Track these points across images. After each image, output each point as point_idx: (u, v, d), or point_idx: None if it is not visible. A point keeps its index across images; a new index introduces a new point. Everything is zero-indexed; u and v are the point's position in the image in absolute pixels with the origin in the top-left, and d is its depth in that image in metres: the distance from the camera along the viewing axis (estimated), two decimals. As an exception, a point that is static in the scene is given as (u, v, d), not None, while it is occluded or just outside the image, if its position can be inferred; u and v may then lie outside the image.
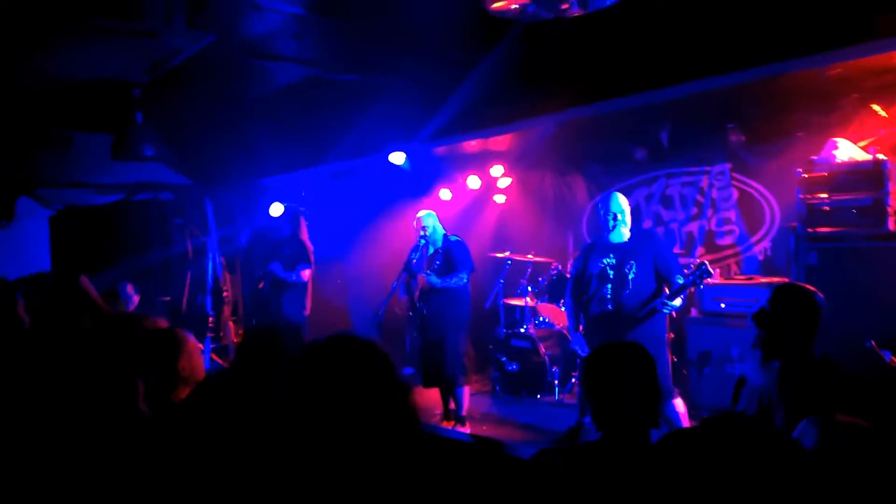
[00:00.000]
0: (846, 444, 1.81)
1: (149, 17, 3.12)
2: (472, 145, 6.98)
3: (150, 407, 2.27)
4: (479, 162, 7.70)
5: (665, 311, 4.39)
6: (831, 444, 1.83)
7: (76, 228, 6.84)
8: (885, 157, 4.74)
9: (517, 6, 4.13)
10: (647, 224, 7.00)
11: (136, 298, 5.90)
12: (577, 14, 3.53)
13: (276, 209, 7.08)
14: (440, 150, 6.74)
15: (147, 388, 2.27)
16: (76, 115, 5.57)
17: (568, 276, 6.37)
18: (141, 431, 2.09)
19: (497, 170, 7.73)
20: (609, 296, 4.56)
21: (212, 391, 2.35)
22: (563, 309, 6.45)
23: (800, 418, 2.33)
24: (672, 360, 5.15)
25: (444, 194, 8.02)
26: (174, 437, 2.02)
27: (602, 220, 4.68)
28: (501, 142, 7.10)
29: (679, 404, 4.46)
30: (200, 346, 2.58)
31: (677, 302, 4.34)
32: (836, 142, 4.97)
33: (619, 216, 4.61)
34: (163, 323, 2.69)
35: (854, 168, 4.79)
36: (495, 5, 3.94)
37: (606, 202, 4.69)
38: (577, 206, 7.63)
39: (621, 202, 4.66)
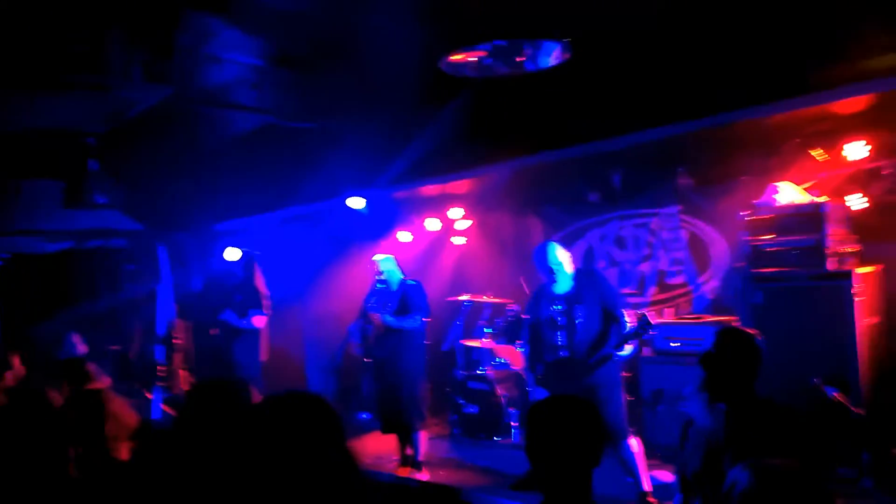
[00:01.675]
0: (777, 487, 1.86)
1: (107, 70, 3.13)
2: (431, 189, 7.07)
3: (88, 469, 2.22)
4: (438, 204, 7.78)
5: (616, 358, 4.48)
6: (763, 488, 1.88)
7: (24, 277, 6.67)
8: (824, 200, 4.95)
9: (474, 59, 4.26)
10: (601, 264, 7.13)
11: (82, 349, 5.75)
12: (530, 70, 3.66)
13: (231, 254, 7.01)
14: (400, 193, 6.81)
15: (81, 451, 2.22)
16: (26, 163, 5.49)
17: (525, 317, 6.44)
18: (74, 495, 2.05)
19: (456, 212, 7.82)
20: (562, 342, 4.61)
21: (157, 445, 2.31)
22: (519, 350, 6.49)
23: (746, 459, 2.40)
24: (627, 398, 5.22)
25: (403, 236, 8.06)
26: (117, 496, 1.98)
27: (542, 273, 4.73)
28: (460, 185, 7.21)
29: (634, 444, 4.50)
30: (120, 399, 2.55)
31: (627, 350, 4.44)
32: (777, 186, 5.18)
33: (556, 268, 4.64)
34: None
35: (795, 211, 4.99)
36: (452, 58, 4.04)
37: (543, 256, 4.66)
38: (533, 246, 7.73)
39: (557, 254, 4.67)
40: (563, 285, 4.66)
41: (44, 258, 6.65)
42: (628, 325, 4.48)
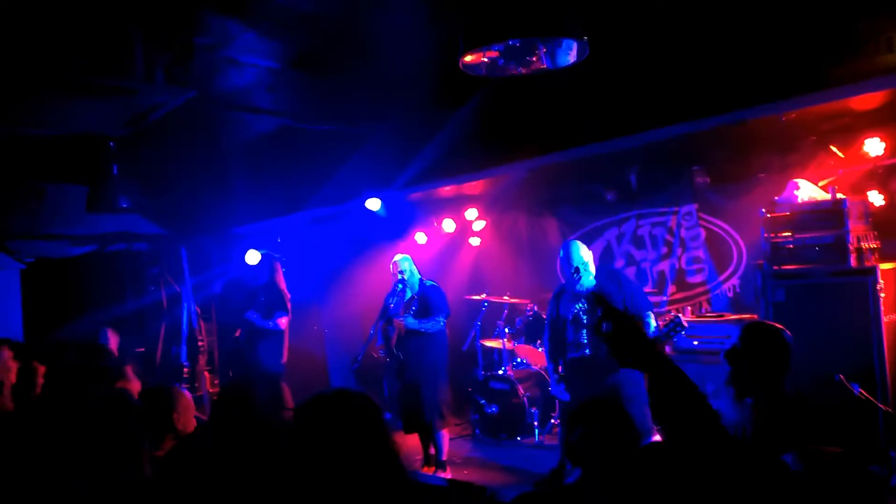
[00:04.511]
0: (824, 471, 1.87)
1: (130, 73, 3.18)
2: (447, 190, 7.10)
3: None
4: (454, 206, 7.81)
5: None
6: (811, 471, 1.89)
7: (49, 281, 6.75)
8: (844, 196, 4.93)
9: (487, 60, 4.29)
10: (619, 264, 7.12)
11: (114, 342, 5.84)
12: (545, 69, 3.68)
13: (253, 257, 7.07)
14: (416, 195, 6.84)
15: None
16: (50, 167, 5.56)
17: (544, 316, 6.45)
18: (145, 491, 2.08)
19: (471, 213, 7.85)
20: (585, 341, 4.62)
21: (190, 446, 2.34)
22: (540, 350, 6.50)
23: (773, 453, 2.40)
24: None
25: (420, 238, 8.10)
26: (161, 492, 2.01)
27: (565, 272, 4.74)
28: (476, 186, 7.23)
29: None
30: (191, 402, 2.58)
31: None
32: (797, 182, 5.16)
33: (581, 267, 4.65)
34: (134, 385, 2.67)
35: (815, 207, 4.96)
36: (467, 59, 4.07)
37: (568, 255, 4.70)
38: (550, 247, 7.74)
39: (582, 253, 4.69)
40: (586, 284, 4.67)
41: (67, 262, 6.73)
42: (653, 326, 4.48)
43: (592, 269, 4.73)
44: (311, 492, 1.47)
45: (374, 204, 6.28)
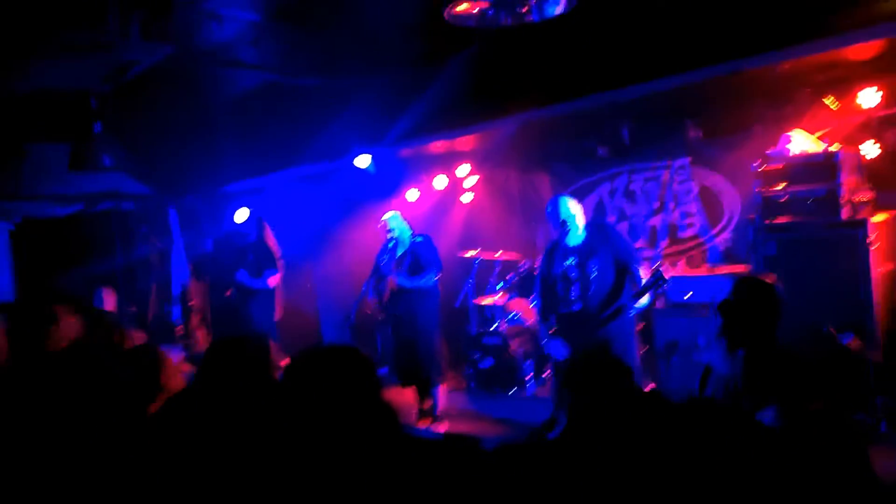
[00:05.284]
0: (806, 426, 1.89)
1: (104, 28, 3.07)
2: (438, 146, 7.01)
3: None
4: (445, 162, 7.73)
5: (631, 312, 4.49)
6: (793, 426, 1.90)
7: (37, 241, 6.69)
8: (837, 149, 4.89)
9: (477, 11, 4.18)
10: (612, 219, 7.10)
11: (111, 301, 5.84)
12: (534, 20, 3.59)
13: (241, 215, 7.01)
14: (406, 151, 6.76)
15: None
16: (32, 127, 5.46)
17: (535, 272, 6.45)
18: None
19: (463, 169, 7.78)
20: (575, 296, 4.63)
21: (181, 402, 2.34)
22: (532, 305, 6.52)
23: (764, 404, 2.42)
24: (642, 350, 5.26)
25: (411, 195, 8.04)
26: (150, 449, 2.02)
27: (553, 227, 4.73)
28: (467, 142, 7.15)
29: (648, 396, 4.54)
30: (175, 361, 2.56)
31: (642, 303, 4.44)
32: (789, 135, 5.12)
33: (568, 221, 4.63)
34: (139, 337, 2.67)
35: (808, 160, 4.93)
36: (457, 9, 3.97)
37: (556, 210, 4.66)
38: (542, 202, 7.66)
39: (570, 206, 4.67)
40: (575, 238, 4.66)
41: (55, 222, 6.66)
42: (643, 279, 4.48)
43: (581, 222, 4.71)
44: (303, 446, 1.47)
45: (363, 161, 6.21)
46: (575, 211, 4.67)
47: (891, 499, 2.13)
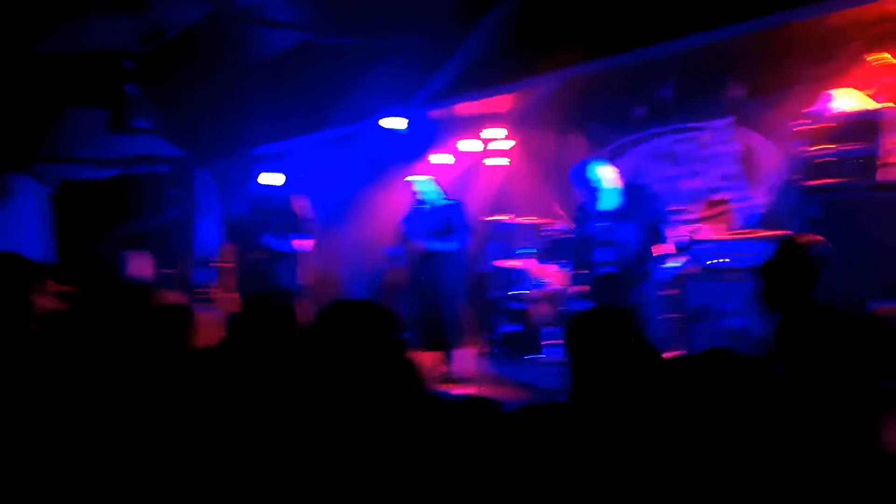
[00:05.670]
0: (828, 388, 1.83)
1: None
2: (471, 107, 6.91)
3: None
4: (478, 124, 7.63)
5: (662, 274, 4.43)
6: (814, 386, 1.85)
7: (74, 204, 6.82)
8: (884, 106, 4.68)
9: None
10: (648, 180, 6.95)
11: (147, 265, 5.96)
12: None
13: (271, 178, 7.03)
14: (438, 113, 6.67)
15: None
16: (70, 91, 5.53)
17: (565, 236, 6.37)
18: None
19: (497, 132, 7.66)
20: (608, 259, 4.58)
21: (212, 360, 2.37)
22: (560, 270, 6.46)
23: (800, 367, 2.35)
24: (674, 315, 5.18)
25: (442, 158, 7.96)
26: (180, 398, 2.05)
27: (585, 191, 4.65)
28: (501, 104, 7.03)
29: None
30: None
31: (671, 264, 4.38)
32: (831, 93, 4.92)
33: (596, 185, 4.56)
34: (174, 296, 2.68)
35: (854, 118, 4.75)
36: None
37: (581, 174, 4.61)
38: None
39: (597, 171, 4.60)
40: (608, 202, 4.58)
41: (92, 185, 6.77)
42: (669, 241, 4.42)
43: (613, 185, 4.62)
44: (325, 397, 1.47)
45: (396, 122, 6.15)
46: (603, 175, 4.59)
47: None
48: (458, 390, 5.47)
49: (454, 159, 8.00)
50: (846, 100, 4.89)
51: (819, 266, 2.61)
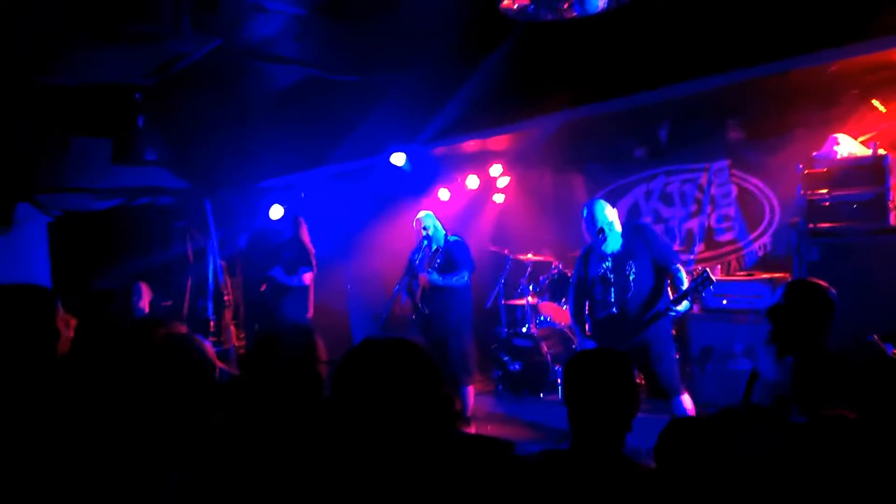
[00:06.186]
0: (836, 437, 1.83)
1: (156, 20, 3.11)
2: (472, 145, 6.98)
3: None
4: (479, 161, 7.70)
5: (671, 315, 4.40)
6: (822, 437, 1.85)
7: (76, 234, 6.79)
8: (885, 152, 4.76)
9: (518, 6, 4.15)
10: (647, 221, 7.01)
11: (147, 297, 5.92)
12: (576, 16, 3.54)
13: (277, 211, 7.05)
14: (440, 150, 6.73)
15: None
16: (75, 120, 5.54)
17: (569, 275, 6.38)
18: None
19: (496, 169, 7.74)
20: (613, 299, 4.56)
21: (226, 397, 2.34)
22: (564, 308, 6.46)
23: (814, 412, 2.35)
24: (676, 355, 5.17)
25: (444, 194, 8.02)
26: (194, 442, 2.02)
27: (591, 232, 4.66)
28: (501, 141, 7.11)
29: (686, 400, 4.47)
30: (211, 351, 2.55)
31: (683, 306, 4.35)
32: (836, 137, 5.00)
33: (606, 228, 4.57)
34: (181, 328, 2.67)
35: (855, 163, 4.81)
36: (503, 4, 3.95)
37: (592, 215, 4.60)
38: (576, 204, 7.62)
39: (607, 213, 4.60)
40: (612, 243, 4.59)
41: (94, 216, 6.74)
42: (683, 277, 4.41)
43: (618, 227, 4.64)
44: (357, 444, 1.44)
45: (398, 159, 6.20)
46: (612, 217, 4.60)
47: None
48: (464, 429, 5.41)
49: (457, 195, 8.05)
50: (850, 145, 4.97)
51: (831, 309, 2.63)
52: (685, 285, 4.35)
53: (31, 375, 2.15)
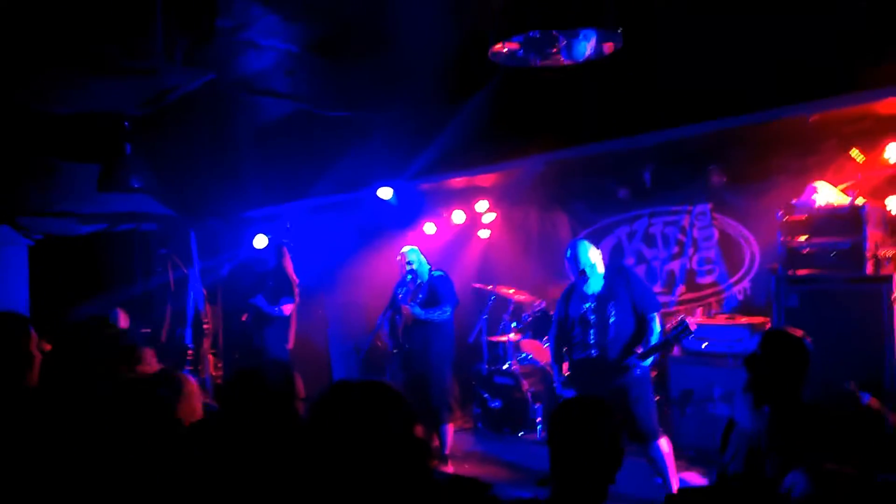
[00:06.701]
0: (834, 493, 1.84)
1: (150, 53, 3.14)
2: (458, 181, 7.04)
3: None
4: (464, 197, 7.75)
5: (637, 370, 4.40)
6: (821, 494, 1.86)
7: (56, 258, 6.73)
8: (863, 202, 4.85)
9: (507, 51, 4.23)
10: (629, 262, 7.06)
11: (124, 322, 5.85)
12: (564, 62, 3.62)
13: (261, 241, 7.04)
14: (426, 185, 6.78)
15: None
16: (63, 145, 5.53)
17: (551, 313, 6.39)
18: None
19: (482, 205, 7.79)
20: (592, 341, 4.57)
21: (203, 433, 2.31)
22: (546, 346, 6.46)
23: (790, 464, 2.36)
24: (655, 398, 5.17)
25: (429, 229, 8.05)
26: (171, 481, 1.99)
27: (573, 272, 4.69)
28: (487, 178, 7.18)
29: (664, 444, 4.46)
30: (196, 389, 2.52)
31: (648, 361, 4.39)
32: (815, 186, 5.09)
33: (588, 269, 4.60)
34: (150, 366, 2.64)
35: (833, 212, 4.90)
36: (493, 48, 4.03)
37: (575, 255, 4.64)
38: (560, 242, 7.67)
39: (589, 254, 4.64)
40: (594, 285, 4.61)
41: (76, 240, 6.70)
42: (657, 329, 4.43)
43: (601, 269, 4.67)
44: (330, 487, 1.44)
45: (385, 193, 6.24)
46: (595, 259, 4.63)
47: None
48: (442, 468, 5.35)
49: (442, 230, 8.09)
50: (829, 193, 5.06)
51: (807, 359, 2.66)
52: (655, 338, 4.38)
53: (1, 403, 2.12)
